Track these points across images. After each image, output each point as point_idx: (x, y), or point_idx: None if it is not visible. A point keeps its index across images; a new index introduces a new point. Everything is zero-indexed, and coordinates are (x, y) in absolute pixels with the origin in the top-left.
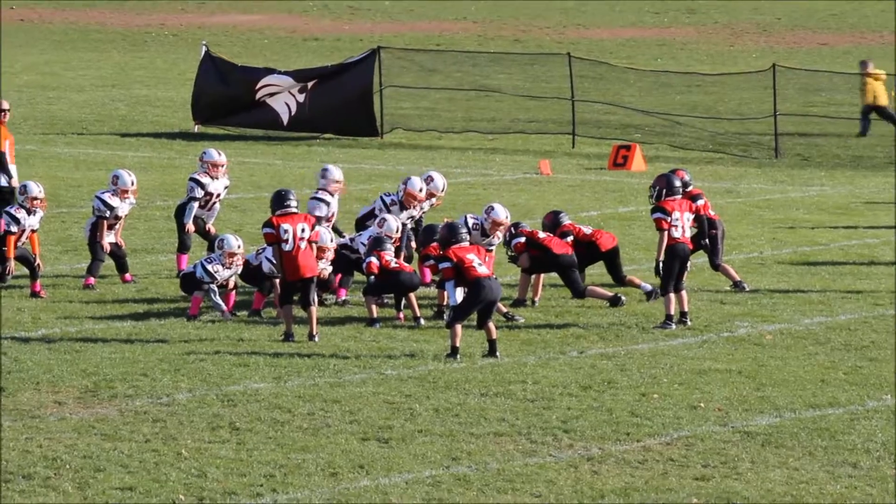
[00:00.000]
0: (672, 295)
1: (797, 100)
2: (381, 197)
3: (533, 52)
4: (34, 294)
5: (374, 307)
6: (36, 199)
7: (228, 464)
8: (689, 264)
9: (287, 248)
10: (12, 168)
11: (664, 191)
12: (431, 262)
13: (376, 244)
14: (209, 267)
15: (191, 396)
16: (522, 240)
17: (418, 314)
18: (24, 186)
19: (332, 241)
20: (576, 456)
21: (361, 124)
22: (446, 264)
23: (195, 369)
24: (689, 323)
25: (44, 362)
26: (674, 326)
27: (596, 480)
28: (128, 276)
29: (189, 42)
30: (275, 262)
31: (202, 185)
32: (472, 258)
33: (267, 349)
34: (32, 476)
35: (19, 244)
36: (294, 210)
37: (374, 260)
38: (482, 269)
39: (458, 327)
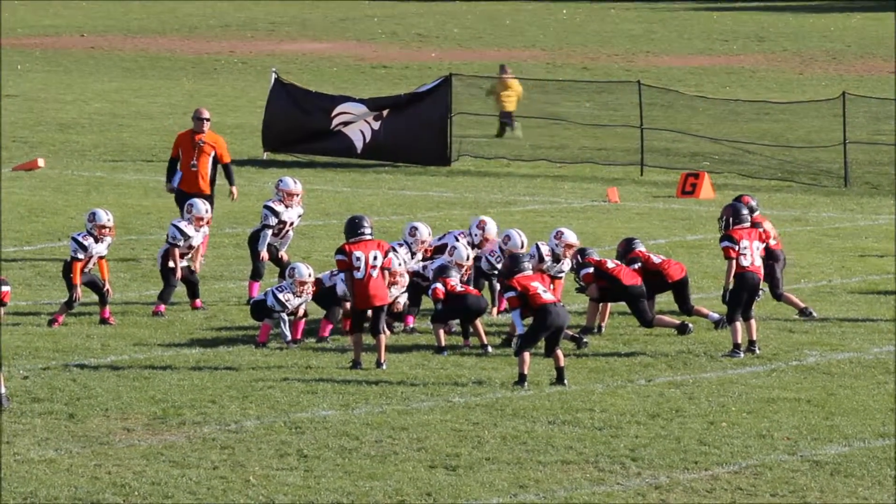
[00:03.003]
0: (739, 323)
1: (867, 128)
2: (454, 235)
3: (601, 80)
4: (103, 321)
5: (441, 334)
6: (104, 227)
7: (296, 491)
8: (759, 293)
9: (359, 275)
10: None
11: (731, 220)
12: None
13: (441, 271)
14: (280, 296)
15: (259, 423)
16: (591, 270)
17: (485, 341)
18: (93, 214)
19: (400, 265)
20: (643, 484)
21: (433, 152)
22: (511, 294)
23: (263, 396)
24: (757, 351)
25: (113, 389)
26: (742, 355)
27: None
28: (198, 302)
29: (258, 69)
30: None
31: (276, 214)
32: (537, 286)
33: (335, 376)
34: (101, 503)
35: (85, 270)
36: (368, 237)
37: (439, 286)
38: (547, 296)
39: (527, 355)
